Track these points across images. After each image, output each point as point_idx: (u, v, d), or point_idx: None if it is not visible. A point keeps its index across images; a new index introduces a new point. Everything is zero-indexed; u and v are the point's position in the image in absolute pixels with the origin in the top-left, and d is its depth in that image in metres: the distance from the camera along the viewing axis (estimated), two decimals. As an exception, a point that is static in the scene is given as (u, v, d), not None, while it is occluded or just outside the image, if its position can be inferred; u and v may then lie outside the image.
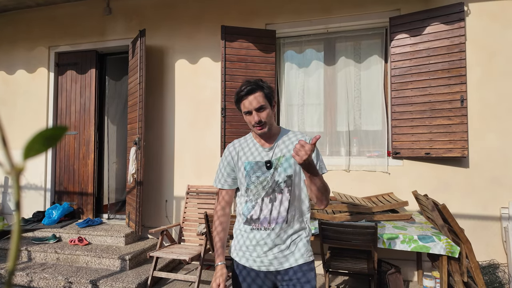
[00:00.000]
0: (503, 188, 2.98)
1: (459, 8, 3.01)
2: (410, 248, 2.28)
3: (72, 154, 4.37)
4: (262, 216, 1.46)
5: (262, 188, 1.46)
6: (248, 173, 1.48)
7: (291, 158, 1.45)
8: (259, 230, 1.46)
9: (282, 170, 1.45)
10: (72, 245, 3.56)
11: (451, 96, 3.02)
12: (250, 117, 1.46)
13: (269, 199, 1.46)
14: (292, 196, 1.46)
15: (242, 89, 1.45)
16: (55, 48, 4.48)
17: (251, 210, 1.48)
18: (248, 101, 1.44)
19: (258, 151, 1.51)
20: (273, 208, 1.45)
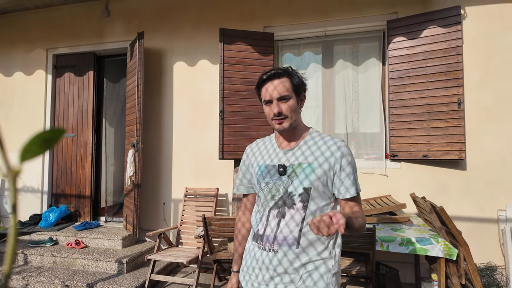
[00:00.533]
0: (500, 191, 2.99)
1: (456, 12, 3.03)
2: (408, 250, 2.28)
3: (70, 157, 4.35)
4: (266, 233, 1.19)
5: (271, 198, 1.21)
6: (261, 178, 1.26)
7: (310, 167, 1.17)
8: (263, 249, 1.20)
9: (298, 181, 1.17)
10: (69, 248, 3.53)
11: (448, 99, 3.04)
12: (269, 108, 1.21)
13: (277, 212, 1.19)
14: (307, 215, 1.16)
15: (264, 72, 1.22)
16: (53, 50, 4.47)
17: (258, 223, 1.24)
18: (269, 88, 1.20)
19: (275, 153, 1.26)
20: (280, 225, 1.17)
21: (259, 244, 1.21)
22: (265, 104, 1.23)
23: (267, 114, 1.24)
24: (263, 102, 1.24)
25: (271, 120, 1.22)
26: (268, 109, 1.22)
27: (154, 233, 3.30)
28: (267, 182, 1.23)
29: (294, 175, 1.19)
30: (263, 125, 3.49)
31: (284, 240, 1.15)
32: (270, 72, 1.21)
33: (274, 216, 1.19)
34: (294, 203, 1.17)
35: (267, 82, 1.21)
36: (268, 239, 1.18)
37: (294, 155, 1.22)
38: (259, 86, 1.23)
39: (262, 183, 1.24)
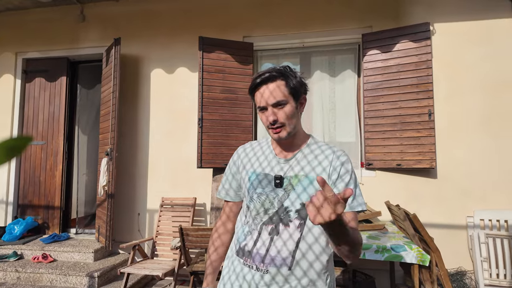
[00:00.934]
0: (469, 198, 3.13)
1: (425, 28, 3.20)
2: (384, 257, 2.32)
3: (39, 165, 4.14)
4: (255, 250, 1.07)
5: (264, 212, 1.09)
6: (253, 187, 1.13)
7: (308, 179, 1.07)
8: (250, 268, 1.07)
9: (296, 195, 1.06)
10: (35, 263, 3.33)
11: (419, 110, 3.17)
12: (264, 115, 1.09)
13: (271, 229, 1.07)
14: (304, 233, 1.05)
15: (258, 75, 1.08)
16: (23, 54, 4.28)
17: (246, 237, 1.11)
18: (264, 93, 1.06)
19: (272, 160, 1.14)
20: (272, 244, 1.05)
21: (246, 261, 1.08)
22: (259, 111, 1.10)
23: (263, 122, 1.11)
24: (258, 109, 1.11)
25: (268, 128, 1.10)
26: (264, 116, 1.09)
27: (128, 245, 3.18)
28: (259, 193, 1.10)
29: (290, 187, 1.07)
30: (243, 133, 3.48)
31: (276, 260, 1.03)
32: (264, 74, 1.07)
33: (268, 232, 1.07)
34: (290, 220, 1.05)
35: (261, 86, 1.07)
36: (260, 259, 1.05)
37: (291, 166, 1.10)
38: (253, 90, 1.10)
39: (254, 194, 1.11)
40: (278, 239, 1.05)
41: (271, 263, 1.03)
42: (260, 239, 1.07)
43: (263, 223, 1.08)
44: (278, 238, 1.05)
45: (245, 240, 1.11)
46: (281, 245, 1.04)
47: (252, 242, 1.08)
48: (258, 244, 1.07)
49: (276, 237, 1.05)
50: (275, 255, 1.04)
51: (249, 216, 1.13)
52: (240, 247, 1.12)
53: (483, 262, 2.87)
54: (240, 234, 1.14)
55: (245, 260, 1.08)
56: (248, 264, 1.07)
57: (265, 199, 1.09)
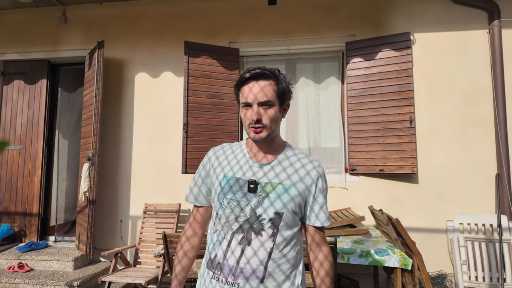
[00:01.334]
0: (448, 203, 3.22)
1: (406, 37, 3.30)
2: (368, 262, 2.35)
3: (16, 171, 3.99)
4: (226, 262, 1.01)
5: (234, 219, 1.03)
6: (224, 192, 1.06)
7: (285, 188, 1.04)
8: (218, 281, 1.02)
9: (269, 203, 1.02)
10: (11, 272, 3.19)
11: (401, 117, 3.26)
12: (248, 112, 1.04)
13: (242, 238, 1.01)
14: (276, 243, 1.01)
15: (249, 69, 1.04)
16: (1, 56, 4.14)
17: (217, 247, 1.05)
18: (253, 89, 1.02)
19: (245, 164, 1.08)
20: (242, 254, 1.00)
21: (217, 275, 1.02)
22: (243, 107, 1.05)
23: (243, 118, 1.06)
24: (241, 104, 1.06)
25: (248, 127, 1.05)
26: (247, 113, 1.04)
27: (110, 252, 3.09)
28: (229, 199, 1.04)
29: (264, 194, 1.03)
30: (228, 138, 3.47)
31: (248, 272, 0.99)
32: (255, 70, 1.03)
33: (238, 241, 1.01)
34: (263, 229, 1.01)
35: (250, 81, 1.03)
36: (230, 270, 1.00)
37: (266, 171, 1.06)
38: (241, 84, 1.05)
39: (224, 199, 1.05)
40: (248, 249, 1.00)
41: (240, 275, 0.98)
42: (229, 249, 1.01)
43: (233, 232, 1.02)
44: (249, 248, 1.00)
45: (215, 251, 1.05)
46: (252, 255, 0.99)
47: (223, 253, 1.02)
48: (229, 255, 1.01)
49: (247, 247, 1.00)
50: (244, 266, 0.99)
51: (218, 224, 1.06)
52: (210, 258, 1.06)
53: (462, 265, 2.95)
54: (210, 245, 1.08)
55: (215, 273, 1.03)
56: (217, 277, 1.01)
57: (235, 206, 1.03)
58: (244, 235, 1.01)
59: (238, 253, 1.00)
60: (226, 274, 1.00)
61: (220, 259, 1.02)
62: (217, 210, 1.08)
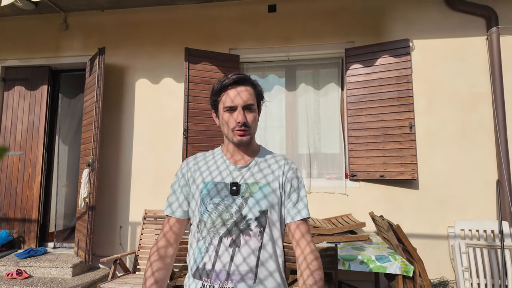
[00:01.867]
0: (449, 209, 3.21)
1: (405, 44, 3.32)
2: (369, 269, 2.33)
3: (16, 176, 3.98)
4: (218, 267, 0.99)
5: (221, 223, 1.03)
6: (206, 198, 1.06)
7: (267, 186, 1.07)
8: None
9: (254, 202, 1.04)
10: (9, 279, 3.16)
11: (401, 123, 3.26)
12: (233, 115, 1.07)
13: (231, 241, 1.01)
14: (264, 241, 1.03)
15: (229, 76, 1.07)
16: (3, 62, 4.17)
17: (203, 255, 1.03)
18: (236, 92, 1.06)
19: (227, 169, 1.10)
20: (235, 256, 1.00)
21: (206, 282, 0.99)
22: (226, 111, 1.07)
23: (226, 122, 1.07)
24: (223, 109, 1.08)
25: (232, 130, 1.06)
26: (229, 116, 1.07)
27: (109, 259, 3.07)
28: (216, 203, 1.04)
29: (248, 195, 1.05)
30: (228, 145, 3.47)
31: (239, 275, 0.98)
32: (236, 76, 1.07)
33: (226, 246, 1.01)
34: (250, 229, 1.01)
35: (231, 86, 1.07)
36: (219, 276, 0.98)
37: (248, 172, 1.09)
38: (222, 90, 1.08)
39: (209, 204, 1.05)
40: (237, 252, 1.00)
41: (234, 279, 0.98)
42: (219, 254, 1.00)
43: (220, 236, 1.02)
44: (238, 251, 1.00)
45: (203, 259, 1.02)
46: (240, 257, 0.99)
47: (210, 260, 1.01)
48: (217, 260, 1.00)
49: (236, 250, 1.00)
50: (237, 269, 0.98)
51: (206, 231, 1.04)
52: (197, 267, 1.03)
53: (464, 272, 2.93)
54: (197, 254, 1.05)
55: (205, 281, 1.00)
56: (207, 285, 0.99)
57: (223, 209, 1.04)
58: (232, 238, 1.01)
59: (226, 257, 1.00)
60: (216, 281, 0.99)
61: (209, 266, 1.01)
62: (201, 218, 1.06)
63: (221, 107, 1.09)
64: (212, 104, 1.14)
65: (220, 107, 1.10)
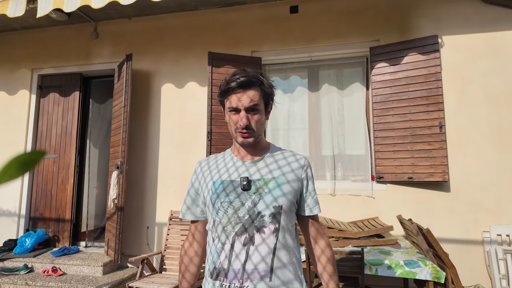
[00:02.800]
0: (483, 212, 3.04)
1: (433, 40, 3.20)
2: (397, 274, 2.26)
3: (51, 179, 4.21)
4: (232, 267, 0.99)
5: (236, 221, 1.01)
6: (217, 197, 1.06)
7: (280, 180, 1.05)
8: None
9: (270, 199, 1.02)
10: (45, 276, 3.34)
11: (430, 122, 3.14)
12: (235, 117, 1.07)
13: (244, 239, 1.00)
14: (280, 237, 1.01)
15: (235, 78, 1.05)
16: (39, 70, 4.43)
17: (219, 253, 1.02)
18: (240, 95, 1.05)
19: (234, 166, 1.10)
20: (249, 255, 0.98)
21: (223, 282, 0.99)
22: (230, 111, 1.08)
23: (230, 123, 1.08)
24: (228, 109, 1.08)
25: (235, 131, 1.07)
26: (234, 117, 1.07)
27: (137, 258, 3.17)
28: (230, 200, 1.03)
29: (262, 191, 1.03)
30: (251, 147, 3.49)
31: (256, 273, 0.96)
32: (241, 78, 1.05)
33: (241, 243, 1.00)
34: (264, 225, 1.00)
35: (235, 90, 1.05)
36: (236, 275, 0.97)
37: (259, 169, 1.08)
38: (225, 92, 1.08)
39: (224, 202, 1.04)
40: (252, 248, 0.99)
41: (250, 277, 0.97)
42: (234, 252, 0.99)
43: (235, 234, 1.01)
44: (252, 247, 0.99)
45: (219, 258, 1.02)
46: (257, 255, 0.98)
47: (227, 258, 1.00)
48: (234, 259, 0.99)
49: (251, 247, 0.99)
50: (253, 267, 0.97)
51: (220, 231, 1.04)
52: (215, 267, 1.02)
53: (501, 280, 2.76)
54: (213, 252, 1.05)
55: (223, 281, 0.99)
56: (224, 285, 0.99)
57: (237, 206, 1.02)
58: (247, 236, 1.00)
59: (242, 255, 0.99)
60: (234, 280, 0.98)
61: (225, 265, 1.00)
62: (214, 217, 1.05)
63: (226, 108, 1.10)
64: (219, 102, 1.15)
65: (226, 108, 1.11)
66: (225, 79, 1.08)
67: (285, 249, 1.02)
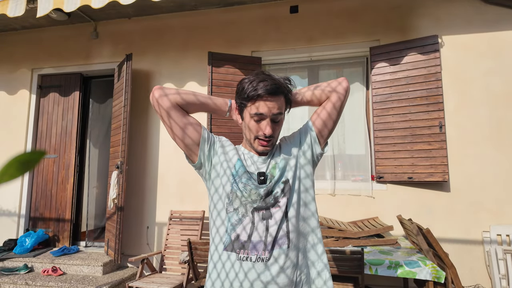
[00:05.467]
0: (483, 212, 3.04)
1: (433, 40, 3.20)
2: (397, 273, 2.26)
3: (51, 178, 4.21)
4: (254, 238, 1.00)
5: (251, 200, 1.04)
6: (237, 173, 1.07)
7: (284, 161, 1.10)
8: (250, 260, 0.98)
9: (277, 179, 1.07)
10: (45, 276, 3.34)
11: (430, 122, 3.14)
12: (259, 125, 1.06)
13: (262, 214, 1.03)
14: (290, 209, 1.04)
15: (264, 84, 1.02)
16: (39, 70, 4.42)
17: (236, 226, 1.02)
18: (267, 103, 1.03)
19: (251, 160, 1.12)
20: (269, 227, 1.01)
21: (241, 254, 0.99)
22: (252, 117, 1.05)
23: (250, 129, 1.07)
24: (251, 115, 1.05)
25: (254, 138, 1.08)
26: (255, 125, 1.06)
27: (137, 258, 3.17)
28: (245, 183, 1.05)
29: (272, 177, 1.07)
30: (251, 146, 3.49)
31: (275, 243, 1.00)
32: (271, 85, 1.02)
33: (260, 218, 1.02)
34: (277, 201, 1.04)
35: (264, 97, 1.02)
36: (256, 247, 0.99)
37: (270, 161, 1.12)
38: (251, 97, 1.03)
39: (239, 182, 1.06)
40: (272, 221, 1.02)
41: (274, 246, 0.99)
42: (253, 225, 1.01)
43: (254, 209, 1.03)
44: (272, 220, 1.02)
45: (235, 231, 1.02)
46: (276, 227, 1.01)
47: (244, 231, 1.01)
48: (254, 232, 1.01)
49: (270, 221, 1.02)
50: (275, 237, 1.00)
51: (236, 202, 1.05)
52: (231, 240, 1.02)
53: (501, 280, 2.76)
54: (228, 225, 1.04)
55: (241, 253, 1.00)
56: (246, 257, 0.99)
57: (252, 191, 1.05)
58: (263, 212, 1.03)
59: (261, 228, 1.01)
60: (251, 251, 0.99)
61: (244, 237, 1.01)
62: (234, 190, 1.06)
63: (248, 112, 1.07)
64: (237, 103, 1.11)
65: (247, 112, 1.07)
66: (249, 80, 1.05)
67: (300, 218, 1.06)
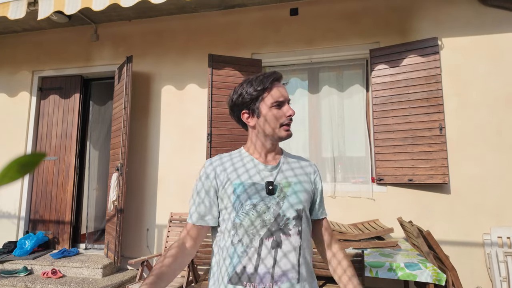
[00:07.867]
0: (484, 215, 3.04)
1: (433, 43, 3.20)
2: (397, 276, 2.25)
3: (51, 180, 4.21)
4: (261, 270, 0.95)
5: (261, 224, 0.98)
6: (238, 199, 1.00)
7: (300, 185, 1.06)
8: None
9: (294, 201, 1.03)
10: (45, 278, 3.33)
11: (430, 124, 3.14)
12: (283, 109, 1.06)
13: (272, 242, 0.97)
14: (303, 240, 1.02)
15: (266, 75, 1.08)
16: (39, 72, 4.43)
17: (242, 258, 0.97)
18: (280, 90, 1.07)
19: (256, 169, 1.06)
20: (278, 258, 0.96)
21: (248, 287, 0.94)
22: (274, 106, 1.05)
23: (276, 117, 1.05)
24: (271, 104, 1.05)
25: (279, 126, 1.05)
26: (279, 112, 1.05)
27: (137, 261, 3.16)
28: (254, 203, 0.99)
29: (283, 195, 1.02)
30: (251, 149, 3.49)
31: (284, 276, 0.95)
32: (273, 73, 1.09)
33: (268, 247, 0.96)
34: (290, 229, 0.99)
35: (277, 82, 1.08)
36: (263, 279, 0.94)
37: (279, 171, 1.07)
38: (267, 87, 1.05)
39: (245, 204, 0.99)
40: (279, 252, 0.97)
41: (281, 279, 0.95)
42: (259, 257, 0.96)
43: (261, 238, 0.97)
44: (280, 251, 0.97)
45: (241, 263, 0.96)
46: (286, 260, 0.97)
47: (252, 263, 0.96)
48: (260, 263, 0.95)
49: (279, 250, 0.97)
50: (281, 270, 0.95)
51: (242, 233, 0.98)
52: (236, 272, 0.96)
53: (502, 282, 2.75)
54: (233, 257, 0.98)
55: (245, 286, 0.95)
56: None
57: (263, 210, 0.99)
58: (273, 239, 0.98)
59: (269, 259, 0.96)
60: (258, 284, 0.94)
61: (250, 269, 0.95)
62: (237, 219, 1.00)
63: (265, 104, 1.06)
64: (247, 102, 1.08)
65: (263, 105, 1.06)
66: (250, 81, 1.08)
67: (307, 250, 1.04)
